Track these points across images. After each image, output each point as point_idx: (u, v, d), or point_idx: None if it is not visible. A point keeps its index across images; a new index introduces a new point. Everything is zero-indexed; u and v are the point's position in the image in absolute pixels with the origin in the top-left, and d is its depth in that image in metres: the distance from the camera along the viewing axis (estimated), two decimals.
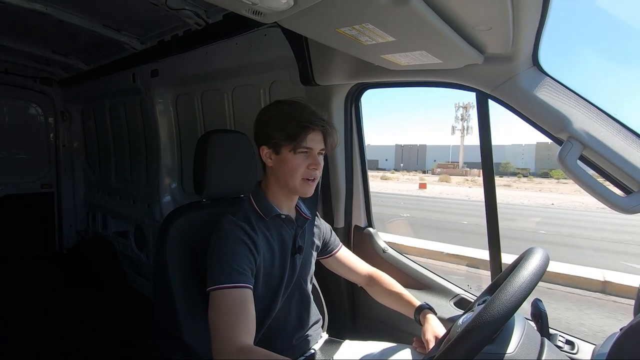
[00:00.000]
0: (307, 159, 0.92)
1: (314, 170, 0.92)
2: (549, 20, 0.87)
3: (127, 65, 2.26)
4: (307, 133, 0.90)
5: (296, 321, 1.03)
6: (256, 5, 0.66)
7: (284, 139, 0.90)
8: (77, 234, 3.38)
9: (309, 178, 0.93)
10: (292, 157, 0.91)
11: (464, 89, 1.13)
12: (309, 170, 0.92)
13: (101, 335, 2.13)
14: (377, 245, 1.46)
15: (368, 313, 1.43)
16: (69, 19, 1.75)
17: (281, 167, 0.92)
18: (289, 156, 0.91)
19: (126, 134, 2.78)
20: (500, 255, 1.18)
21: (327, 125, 0.93)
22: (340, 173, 1.48)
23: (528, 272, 0.64)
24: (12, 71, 2.85)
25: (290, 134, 0.89)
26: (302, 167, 0.91)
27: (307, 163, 0.92)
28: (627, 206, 0.87)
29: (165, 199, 2.35)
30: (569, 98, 0.95)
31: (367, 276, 1.16)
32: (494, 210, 1.17)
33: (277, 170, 0.93)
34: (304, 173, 0.92)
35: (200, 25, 1.66)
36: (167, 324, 0.97)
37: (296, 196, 0.99)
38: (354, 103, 1.47)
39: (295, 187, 0.93)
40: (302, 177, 0.92)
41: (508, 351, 0.67)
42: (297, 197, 1.00)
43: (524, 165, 37.88)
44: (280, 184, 0.95)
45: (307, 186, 0.93)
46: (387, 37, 0.82)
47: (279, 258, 0.95)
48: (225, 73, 1.84)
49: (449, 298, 1.26)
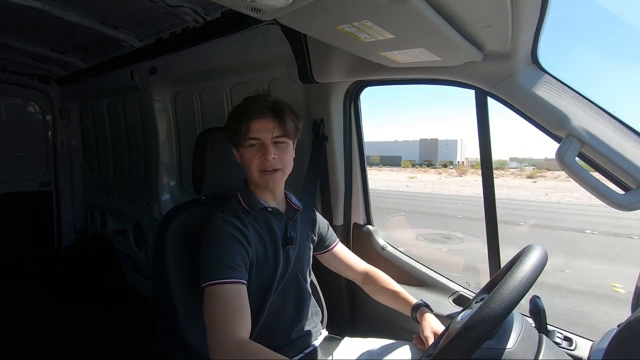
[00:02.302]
0: (259, 151, 0.91)
1: (264, 161, 0.90)
2: (548, 18, 0.87)
3: (125, 63, 2.25)
4: (248, 124, 0.89)
5: (294, 315, 1.04)
6: (255, 3, 0.66)
7: (231, 135, 0.93)
8: (75, 232, 3.38)
9: (266, 169, 0.91)
10: (244, 152, 0.92)
11: (463, 87, 1.13)
12: (261, 161, 0.90)
13: (100, 333, 2.13)
14: (376, 243, 1.46)
15: (367, 310, 1.43)
16: (67, 16, 1.74)
17: (243, 163, 0.94)
18: (242, 151, 0.93)
19: (124, 132, 2.77)
20: (499, 253, 1.19)
21: (272, 111, 0.90)
22: (340, 170, 1.48)
23: (526, 269, 0.65)
24: (10, 69, 2.84)
25: (233, 129, 0.91)
26: (254, 160, 0.91)
27: (259, 154, 0.91)
28: (626, 203, 0.88)
29: (164, 197, 2.35)
30: (567, 95, 0.95)
31: (363, 274, 1.17)
32: (493, 208, 1.17)
33: (243, 167, 0.95)
34: (258, 165, 0.91)
35: (199, 23, 1.66)
36: (167, 322, 0.97)
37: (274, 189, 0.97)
38: (353, 100, 1.47)
39: (257, 181, 0.93)
40: (258, 169, 0.91)
41: (507, 347, 0.67)
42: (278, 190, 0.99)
43: (411, 158, 50.05)
44: (250, 180, 0.97)
45: (265, 178, 0.92)
46: (386, 35, 0.82)
47: (271, 250, 0.96)
48: (224, 71, 1.84)
49: (447, 295, 1.27)
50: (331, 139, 1.45)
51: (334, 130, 1.45)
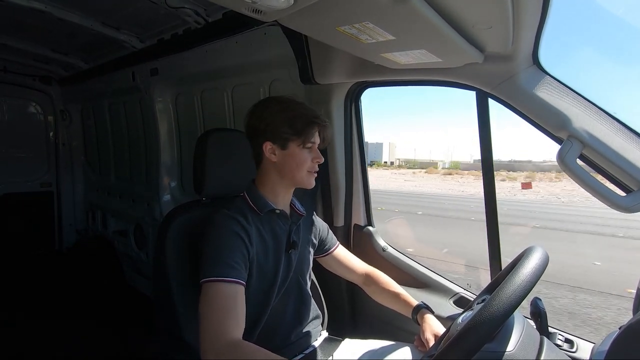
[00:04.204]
0: (312, 153, 0.97)
1: (317, 164, 0.99)
2: (549, 19, 0.87)
3: (127, 64, 2.25)
4: (314, 129, 0.95)
5: (294, 318, 1.03)
6: (256, 4, 0.66)
7: (292, 134, 0.94)
8: (76, 232, 3.38)
9: (313, 171, 0.98)
10: (299, 152, 0.95)
11: (464, 88, 1.13)
12: (313, 163, 0.97)
13: (101, 334, 2.13)
14: (376, 244, 1.46)
15: (368, 311, 1.43)
16: (68, 17, 1.74)
17: (287, 162, 0.95)
18: (297, 150, 0.95)
19: (126, 133, 2.78)
20: (500, 254, 1.18)
21: (326, 121, 1.00)
22: (340, 172, 1.48)
23: (527, 271, 0.64)
24: (12, 69, 2.84)
25: (298, 129, 0.93)
26: (308, 161, 0.96)
27: (312, 157, 0.97)
28: (627, 205, 0.87)
29: (164, 197, 2.35)
30: (568, 97, 0.95)
31: (364, 275, 1.16)
32: (494, 210, 1.17)
33: (282, 164, 0.96)
34: (309, 166, 0.97)
35: (200, 24, 1.66)
36: (167, 322, 0.97)
37: (292, 190, 1.02)
38: (353, 102, 1.47)
39: (302, 180, 0.97)
40: (307, 170, 0.97)
41: (508, 349, 0.67)
42: (292, 192, 1.02)
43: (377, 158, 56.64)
44: (285, 178, 0.97)
45: (311, 177, 0.99)
46: (387, 36, 0.82)
47: (272, 253, 0.96)
48: (225, 72, 1.84)
49: (448, 297, 1.27)
50: (332, 140, 1.45)
51: (335, 132, 1.45)
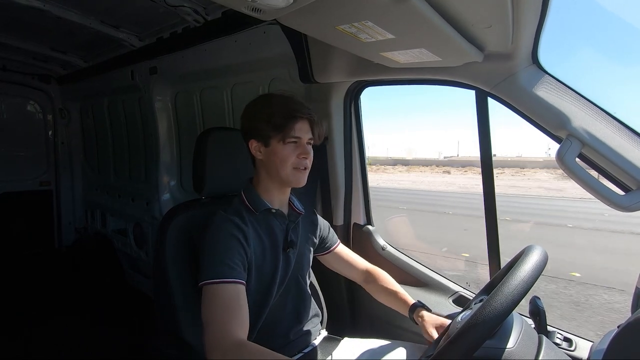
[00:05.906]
0: (297, 149, 0.93)
1: (304, 160, 0.93)
2: (548, 18, 0.87)
3: (126, 63, 2.25)
4: (294, 122, 0.91)
5: (293, 316, 1.04)
6: (256, 3, 0.66)
7: (272, 130, 0.91)
8: (76, 231, 3.37)
9: (300, 167, 0.94)
10: (281, 148, 0.92)
11: (464, 87, 1.13)
12: (299, 159, 0.93)
13: (100, 333, 2.13)
14: (376, 243, 1.46)
15: (367, 310, 1.43)
16: (67, 15, 1.74)
17: (271, 159, 0.93)
18: (279, 147, 0.92)
19: (125, 132, 2.77)
20: (499, 253, 1.19)
21: (313, 114, 0.95)
22: (340, 171, 1.48)
23: (526, 270, 0.65)
24: (10, 68, 2.83)
25: (277, 124, 0.91)
26: (292, 157, 0.92)
27: (297, 152, 0.93)
28: (626, 204, 0.88)
29: (164, 196, 2.35)
30: (568, 96, 0.95)
31: (364, 273, 1.16)
32: (493, 209, 1.17)
33: (267, 162, 0.94)
34: (294, 162, 0.93)
35: (199, 23, 1.65)
36: (167, 322, 0.97)
37: (288, 189, 0.99)
38: (353, 100, 1.47)
39: (288, 177, 0.94)
40: (292, 166, 0.93)
41: (508, 346, 0.67)
42: (289, 190, 1.00)
43: None
44: (272, 176, 0.95)
45: (298, 175, 0.94)
46: (386, 35, 0.82)
47: (270, 252, 0.95)
48: (224, 70, 1.84)
49: (447, 295, 1.27)
50: (331, 139, 1.45)
51: (334, 130, 1.45)
